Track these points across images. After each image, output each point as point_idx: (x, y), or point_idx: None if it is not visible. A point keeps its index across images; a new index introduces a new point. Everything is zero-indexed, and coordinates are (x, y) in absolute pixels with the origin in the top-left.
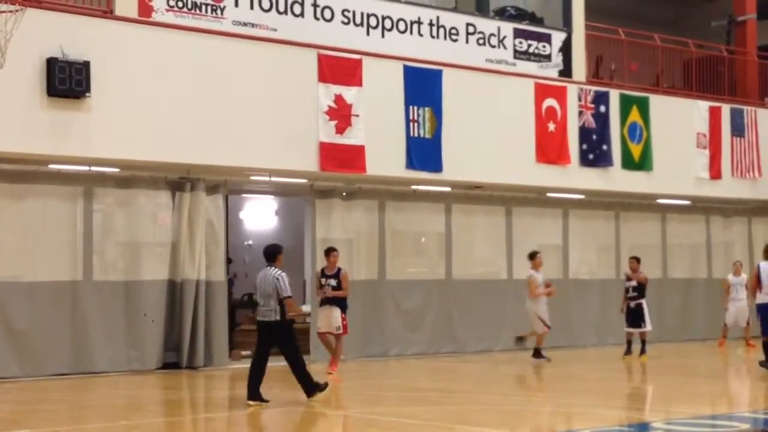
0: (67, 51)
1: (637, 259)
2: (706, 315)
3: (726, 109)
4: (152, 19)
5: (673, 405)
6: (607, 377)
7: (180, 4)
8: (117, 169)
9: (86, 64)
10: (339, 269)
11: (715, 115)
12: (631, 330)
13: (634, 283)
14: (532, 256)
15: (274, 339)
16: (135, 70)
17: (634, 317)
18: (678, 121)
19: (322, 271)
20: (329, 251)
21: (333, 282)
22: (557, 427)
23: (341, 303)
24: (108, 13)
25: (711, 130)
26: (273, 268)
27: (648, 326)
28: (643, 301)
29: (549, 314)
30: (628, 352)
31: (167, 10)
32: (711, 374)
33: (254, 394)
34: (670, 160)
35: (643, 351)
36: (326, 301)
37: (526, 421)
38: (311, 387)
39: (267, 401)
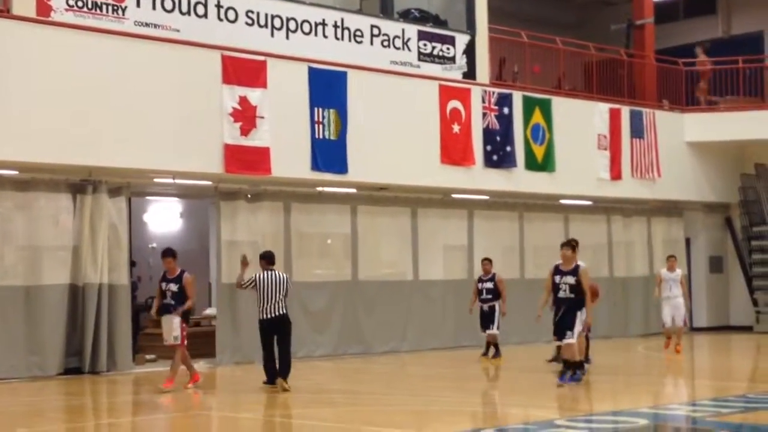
0: None
1: (490, 261)
2: (609, 313)
3: (626, 111)
4: (51, 19)
5: (576, 402)
6: (513, 376)
7: (80, 3)
8: (16, 172)
9: None
10: (182, 272)
11: (615, 117)
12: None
13: (489, 285)
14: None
15: (276, 329)
16: (34, 71)
17: (487, 319)
18: (579, 122)
19: (164, 275)
20: (165, 254)
21: (174, 287)
22: (462, 427)
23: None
24: (4, 12)
25: (611, 132)
26: (275, 270)
27: (495, 330)
28: (497, 304)
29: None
30: (486, 353)
31: (66, 10)
32: (613, 371)
33: (274, 378)
34: (572, 161)
35: (496, 353)
36: (165, 309)
37: (432, 421)
38: (287, 371)
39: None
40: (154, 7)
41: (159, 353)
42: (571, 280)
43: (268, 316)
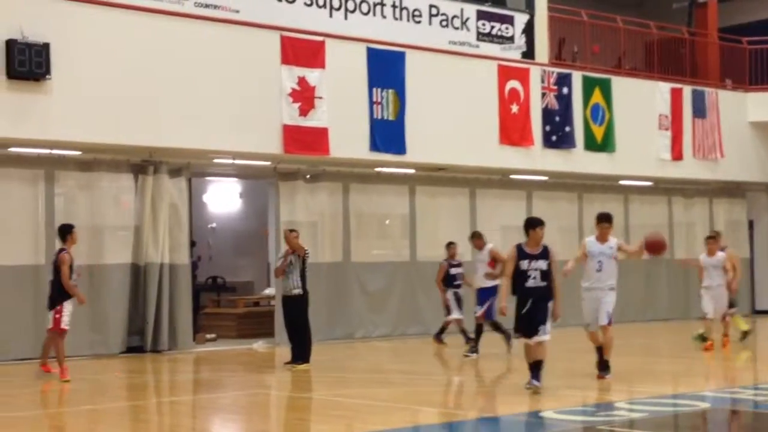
0: (26, 33)
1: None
2: (669, 295)
3: (687, 91)
4: (113, 1)
5: (635, 384)
6: (571, 357)
7: None
8: (78, 152)
9: (46, 46)
10: (61, 250)
11: (676, 96)
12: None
13: (460, 270)
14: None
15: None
16: (96, 52)
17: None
18: (640, 102)
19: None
20: (67, 229)
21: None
22: (522, 408)
23: (60, 293)
24: None
25: (673, 112)
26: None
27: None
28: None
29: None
30: (440, 337)
31: None
32: (673, 354)
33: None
34: (633, 141)
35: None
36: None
37: (490, 402)
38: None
39: None
40: None
41: (219, 332)
42: (543, 264)
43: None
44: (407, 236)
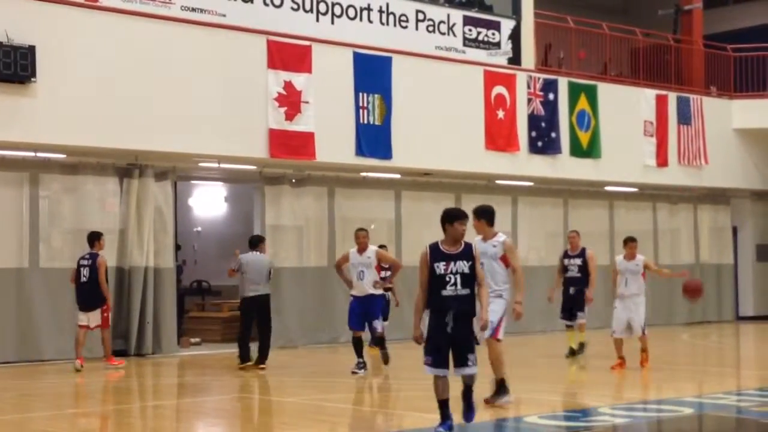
0: (11, 35)
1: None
2: (653, 301)
3: (672, 98)
4: (99, 4)
5: (619, 390)
6: (553, 364)
7: None
8: (63, 155)
9: (31, 49)
10: (97, 255)
11: (661, 103)
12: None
13: (388, 273)
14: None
15: (258, 310)
16: (82, 55)
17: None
18: (625, 109)
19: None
20: (96, 236)
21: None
22: (506, 414)
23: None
24: None
25: (658, 118)
26: (260, 253)
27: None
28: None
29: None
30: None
31: None
32: (657, 360)
33: (247, 355)
34: (618, 147)
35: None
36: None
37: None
38: (265, 356)
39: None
40: None
41: (204, 336)
42: (464, 266)
43: (250, 294)
44: (393, 241)
